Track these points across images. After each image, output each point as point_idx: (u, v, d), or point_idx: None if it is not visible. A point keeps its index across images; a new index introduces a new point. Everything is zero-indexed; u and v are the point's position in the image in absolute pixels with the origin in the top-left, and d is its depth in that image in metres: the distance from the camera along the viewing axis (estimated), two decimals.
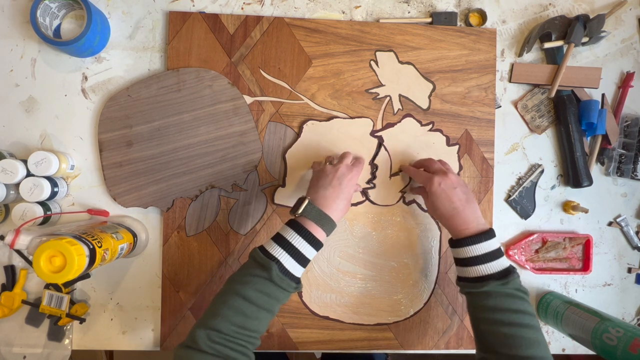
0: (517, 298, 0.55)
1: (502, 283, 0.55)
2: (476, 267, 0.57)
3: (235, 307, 0.51)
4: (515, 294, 0.55)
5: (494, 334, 0.54)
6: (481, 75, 0.75)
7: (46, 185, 0.65)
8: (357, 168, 0.63)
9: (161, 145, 0.69)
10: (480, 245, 0.58)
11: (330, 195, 0.58)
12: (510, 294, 0.55)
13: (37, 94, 0.70)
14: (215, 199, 0.71)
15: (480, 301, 0.56)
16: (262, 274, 0.52)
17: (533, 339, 0.52)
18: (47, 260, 0.52)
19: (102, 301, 0.71)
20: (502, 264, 0.57)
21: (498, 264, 0.57)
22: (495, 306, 0.55)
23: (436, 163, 0.66)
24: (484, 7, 0.75)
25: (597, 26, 0.73)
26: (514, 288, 0.56)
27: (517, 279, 0.57)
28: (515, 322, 0.53)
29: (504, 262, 0.57)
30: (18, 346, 0.69)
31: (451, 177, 0.62)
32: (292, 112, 0.72)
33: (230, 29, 0.71)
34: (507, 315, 0.54)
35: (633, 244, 0.78)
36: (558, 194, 0.77)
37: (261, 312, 0.52)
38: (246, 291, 0.51)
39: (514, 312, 0.54)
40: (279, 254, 0.53)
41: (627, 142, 0.76)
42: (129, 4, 0.72)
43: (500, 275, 0.56)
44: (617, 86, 0.78)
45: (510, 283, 0.55)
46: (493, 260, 0.57)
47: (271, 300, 0.53)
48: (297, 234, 0.55)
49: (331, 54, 0.72)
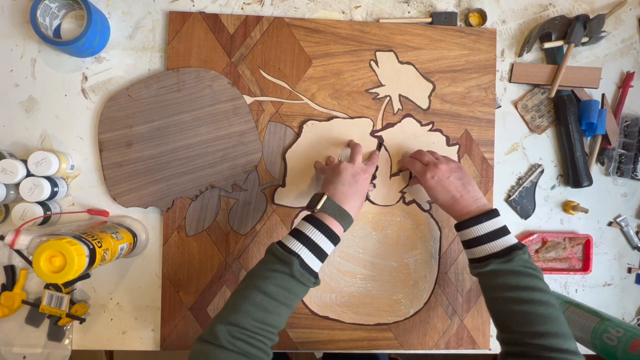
0: (524, 275, 0.54)
1: (504, 260, 0.55)
2: (480, 247, 0.58)
3: (257, 303, 0.50)
4: (523, 271, 0.54)
5: (506, 313, 0.54)
6: (481, 75, 0.75)
7: (46, 185, 0.65)
8: (371, 165, 0.66)
9: (161, 145, 0.69)
10: (482, 225, 0.58)
11: (348, 192, 0.59)
12: (518, 271, 0.54)
13: (37, 94, 0.70)
14: (215, 199, 0.71)
15: (489, 281, 0.57)
16: (283, 269, 0.52)
17: (545, 315, 0.51)
18: (47, 260, 0.52)
19: (102, 301, 0.71)
20: (507, 242, 0.57)
21: (502, 242, 0.57)
22: (504, 284, 0.55)
23: (426, 155, 0.67)
24: (484, 7, 0.75)
25: (597, 26, 0.73)
26: (520, 265, 0.55)
27: (522, 256, 0.55)
28: (524, 299, 0.53)
29: (509, 239, 0.57)
30: (18, 346, 0.69)
31: (442, 167, 0.63)
32: (292, 112, 0.72)
33: (230, 29, 0.71)
34: (516, 292, 0.53)
35: (633, 244, 0.78)
36: (558, 194, 0.77)
37: (282, 308, 0.52)
38: (267, 286, 0.51)
39: (523, 289, 0.53)
40: (299, 249, 0.54)
41: (627, 142, 0.76)
42: (129, 4, 0.72)
43: (504, 253, 0.56)
44: (617, 86, 0.78)
45: (514, 260, 0.55)
46: (497, 239, 0.57)
47: (291, 295, 0.53)
48: (317, 229, 0.55)
49: (331, 54, 0.72)
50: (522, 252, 0.56)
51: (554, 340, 0.49)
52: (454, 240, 0.74)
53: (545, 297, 0.53)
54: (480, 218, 0.59)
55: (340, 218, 0.57)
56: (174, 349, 0.70)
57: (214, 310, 0.71)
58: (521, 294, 0.53)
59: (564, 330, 0.51)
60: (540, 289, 0.54)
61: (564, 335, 0.50)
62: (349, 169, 0.62)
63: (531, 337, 0.50)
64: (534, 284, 0.54)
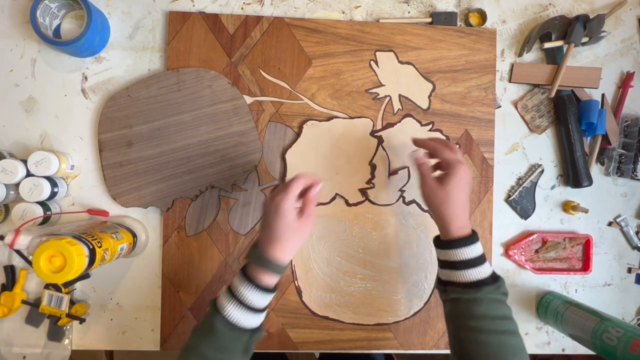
0: (503, 303, 0.53)
1: (495, 287, 0.52)
2: (468, 271, 0.53)
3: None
4: (502, 299, 0.53)
5: (476, 343, 0.51)
6: (481, 75, 0.75)
7: (46, 185, 0.65)
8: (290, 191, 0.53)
9: (161, 145, 0.69)
10: (474, 246, 0.54)
11: (273, 234, 0.52)
12: (499, 299, 0.53)
13: (37, 94, 0.70)
14: (215, 199, 0.71)
15: (468, 309, 0.52)
16: (210, 328, 0.49)
17: (517, 346, 0.51)
18: (47, 260, 0.52)
19: (102, 301, 0.71)
20: (490, 268, 0.55)
21: (488, 268, 0.54)
22: (484, 314, 0.51)
23: (459, 151, 0.60)
24: (484, 7, 0.75)
25: (597, 26, 0.73)
26: (502, 293, 0.53)
27: (504, 283, 0.54)
28: (500, 330, 0.51)
29: (488, 264, 0.55)
30: (18, 346, 0.69)
31: (465, 167, 0.57)
32: (292, 112, 0.72)
33: (230, 29, 0.71)
34: (494, 322, 0.51)
35: (633, 244, 0.78)
36: (558, 194, 0.77)
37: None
38: (202, 347, 0.49)
39: (501, 318, 0.52)
40: (225, 305, 0.50)
41: (627, 142, 0.76)
42: (129, 4, 0.72)
43: (493, 280, 0.53)
44: (617, 86, 0.78)
45: (501, 287, 0.53)
46: (484, 263, 0.54)
47: (230, 353, 0.49)
48: (245, 282, 0.51)
49: (331, 54, 0.72)
50: (502, 278, 0.55)
51: None
52: None
53: (515, 326, 0.53)
54: (472, 238, 0.54)
55: (265, 268, 0.51)
56: (174, 349, 0.70)
57: None
58: (497, 324, 0.51)
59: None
60: (511, 318, 0.53)
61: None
62: (269, 205, 0.53)
63: None
64: (509, 312, 0.53)
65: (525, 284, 0.76)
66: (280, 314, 0.72)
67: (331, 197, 0.72)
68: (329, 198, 0.72)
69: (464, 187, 0.56)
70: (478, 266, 0.53)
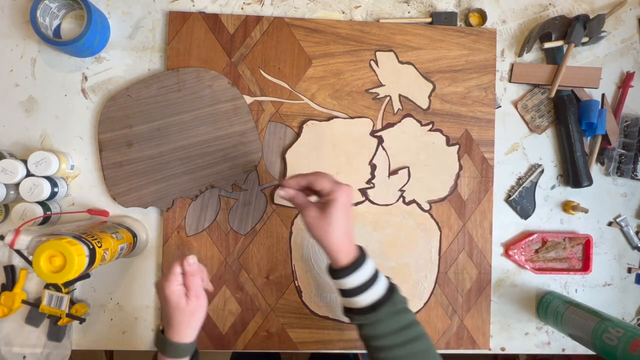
0: (403, 312, 0.52)
1: (391, 304, 0.51)
2: (365, 294, 0.51)
3: None
4: (401, 308, 0.52)
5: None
6: (481, 75, 0.75)
7: (46, 185, 0.65)
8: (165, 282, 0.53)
9: (161, 145, 0.69)
10: (363, 268, 0.52)
11: (164, 318, 0.54)
12: (398, 310, 0.52)
13: (37, 94, 0.70)
14: (215, 199, 0.71)
15: (373, 331, 0.51)
16: None
17: (425, 349, 0.51)
18: (47, 260, 0.52)
19: (102, 301, 0.71)
20: (385, 281, 0.53)
21: (382, 283, 0.53)
22: (387, 331, 0.51)
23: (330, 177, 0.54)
24: (484, 7, 0.75)
25: (597, 26, 0.73)
26: (400, 302, 0.53)
27: (399, 291, 0.54)
28: (405, 340, 0.51)
29: (384, 280, 0.53)
30: (18, 346, 0.69)
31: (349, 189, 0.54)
32: (292, 112, 0.72)
33: (230, 29, 0.71)
34: (399, 335, 0.51)
35: (633, 244, 0.78)
36: (558, 194, 0.77)
37: None
38: None
39: (404, 329, 0.51)
40: None
41: (627, 142, 0.76)
42: (129, 4, 0.72)
43: (389, 296, 0.52)
44: (617, 86, 0.78)
45: (396, 298, 0.52)
46: (376, 281, 0.52)
47: None
48: None
49: (331, 54, 0.72)
50: (396, 285, 0.54)
51: None
52: (454, 240, 0.74)
53: (420, 329, 0.52)
54: (361, 259, 0.52)
55: (168, 352, 0.52)
56: None
57: (213, 310, 0.71)
58: (402, 335, 0.51)
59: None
60: (415, 322, 0.52)
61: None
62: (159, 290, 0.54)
63: None
64: (411, 318, 0.52)
65: (525, 284, 0.76)
66: (280, 314, 0.72)
67: None
68: None
69: (346, 211, 0.52)
70: (371, 287, 0.52)
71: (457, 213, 0.74)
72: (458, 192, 0.74)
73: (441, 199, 0.74)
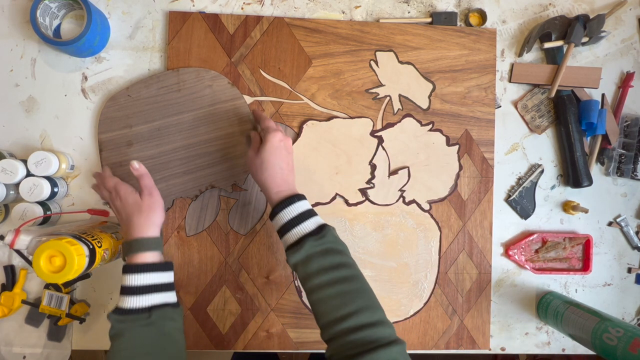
0: (335, 253, 0.53)
1: (318, 237, 0.53)
2: (296, 229, 0.54)
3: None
4: (334, 248, 0.54)
5: (322, 301, 0.51)
6: (481, 75, 0.75)
7: (46, 185, 0.65)
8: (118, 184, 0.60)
9: (161, 145, 0.69)
10: (296, 205, 0.56)
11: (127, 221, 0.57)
12: (329, 249, 0.53)
13: (37, 94, 0.70)
14: (215, 199, 0.71)
15: (305, 269, 0.53)
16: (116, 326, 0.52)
17: (356, 289, 0.51)
18: (47, 260, 0.52)
19: (102, 301, 0.71)
20: (319, 221, 0.56)
21: (315, 221, 0.55)
22: (319, 268, 0.52)
23: (272, 122, 0.63)
24: (484, 7, 0.75)
25: (597, 26, 0.73)
26: (331, 241, 0.54)
27: (333, 231, 0.55)
28: (337, 278, 0.51)
29: (319, 219, 0.56)
30: (18, 346, 0.69)
31: (289, 139, 0.62)
32: (292, 112, 0.72)
33: (230, 29, 0.71)
34: (329, 273, 0.52)
35: (633, 244, 0.78)
36: (558, 194, 0.77)
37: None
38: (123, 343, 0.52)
39: (335, 267, 0.52)
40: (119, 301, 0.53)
41: (627, 142, 0.76)
42: (129, 4, 0.72)
43: (318, 231, 0.54)
44: (617, 86, 0.78)
45: (327, 236, 0.54)
46: (310, 218, 0.55)
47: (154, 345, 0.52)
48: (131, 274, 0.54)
49: (331, 54, 0.72)
50: (332, 228, 0.56)
51: (364, 315, 0.49)
52: (454, 240, 0.74)
53: (354, 271, 0.53)
54: (297, 196, 0.56)
55: (133, 249, 0.55)
56: None
57: (213, 310, 0.71)
58: (333, 274, 0.52)
59: (372, 303, 0.51)
60: (349, 265, 0.53)
61: (373, 307, 0.50)
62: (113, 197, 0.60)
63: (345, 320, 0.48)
64: (344, 260, 0.53)
65: (525, 284, 0.76)
66: (280, 314, 0.72)
67: (331, 197, 0.72)
68: (329, 198, 0.72)
69: (277, 152, 0.58)
70: (302, 223, 0.54)
71: (457, 213, 0.74)
72: (458, 192, 0.74)
73: (441, 199, 0.74)
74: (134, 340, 0.51)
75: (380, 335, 0.47)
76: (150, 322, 0.52)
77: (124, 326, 0.51)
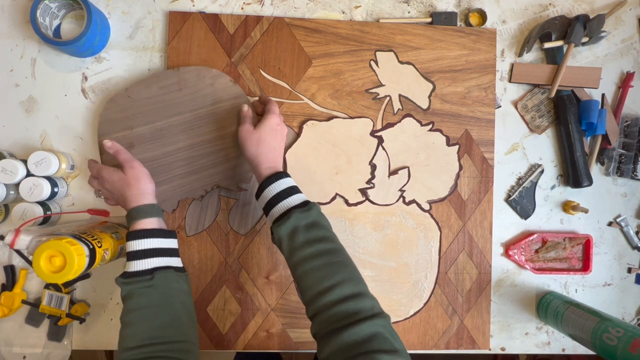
0: (320, 227, 0.55)
1: (305, 210, 0.54)
2: (282, 203, 0.56)
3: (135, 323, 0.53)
4: (319, 222, 0.55)
5: (307, 274, 0.52)
6: (481, 75, 0.75)
7: (46, 185, 0.65)
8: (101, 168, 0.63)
9: (164, 146, 0.69)
10: (283, 180, 0.58)
11: (121, 196, 0.60)
12: (314, 222, 0.54)
13: (37, 94, 0.70)
14: (215, 199, 0.71)
15: (291, 243, 0.54)
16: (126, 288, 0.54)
17: (339, 261, 0.52)
18: (47, 260, 0.52)
19: (102, 301, 0.71)
20: (303, 197, 0.58)
21: (299, 197, 0.57)
22: (304, 241, 0.53)
23: (277, 106, 0.66)
24: (484, 7, 0.75)
25: (597, 26, 0.73)
26: (316, 215, 0.55)
27: (318, 207, 0.56)
28: (322, 251, 0.53)
29: (304, 196, 0.58)
30: (18, 346, 0.69)
31: (285, 127, 0.65)
32: (292, 112, 0.72)
33: (230, 29, 0.71)
34: (314, 246, 0.53)
35: (633, 244, 0.78)
36: (558, 194, 0.77)
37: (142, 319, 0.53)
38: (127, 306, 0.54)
39: (319, 240, 0.53)
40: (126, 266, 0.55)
41: (627, 142, 0.76)
42: (129, 4, 0.72)
43: (303, 205, 0.55)
44: (617, 86, 0.78)
45: (312, 210, 0.55)
46: (295, 194, 0.57)
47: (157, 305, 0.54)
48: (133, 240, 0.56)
49: (331, 54, 0.72)
50: (317, 204, 0.57)
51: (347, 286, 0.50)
52: (454, 240, 0.74)
53: (337, 245, 0.55)
54: (282, 174, 0.59)
55: (133, 218, 0.57)
56: None
57: (214, 310, 0.71)
58: (317, 247, 0.53)
59: (355, 276, 0.52)
60: (331, 239, 0.55)
61: (356, 279, 0.52)
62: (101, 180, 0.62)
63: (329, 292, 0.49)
64: (327, 234, 0.55)
65: (525, 284, 0.76)
66: (280, 314, 0.72)
67: (331, 197, 0.72)
68: (329, 198, 0.72)
69: (274, 133, 0.62)
70: (287, 197, 0.57)
71: (457, 213, 0.74)
72: (458, 192, 0.74)
73: (441, 199, 0.74)
74: (140, 301, 0.53)
75: (362, 306, 0.48)
76: (153, 284, 0.54)
77: (131, 288, 0.54)
